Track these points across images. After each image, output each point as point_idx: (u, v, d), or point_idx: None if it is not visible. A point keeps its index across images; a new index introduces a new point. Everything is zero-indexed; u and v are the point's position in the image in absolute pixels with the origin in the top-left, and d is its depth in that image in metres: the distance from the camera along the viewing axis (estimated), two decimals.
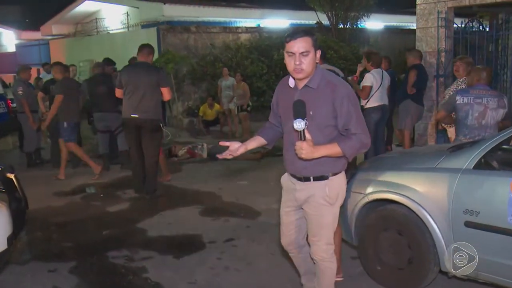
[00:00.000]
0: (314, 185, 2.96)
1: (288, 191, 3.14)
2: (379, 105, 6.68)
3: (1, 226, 3.39)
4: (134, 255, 4.61)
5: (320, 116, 2.82)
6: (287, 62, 2.82)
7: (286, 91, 3.00)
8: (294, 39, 2.75)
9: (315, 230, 3.05)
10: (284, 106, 2.99)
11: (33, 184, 7.35)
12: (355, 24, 16.83)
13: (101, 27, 18.44)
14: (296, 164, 2.95)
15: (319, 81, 2.84)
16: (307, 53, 2.75)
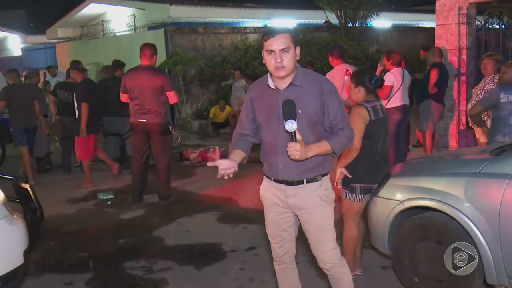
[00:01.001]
0: (308, 188, 2.83)
1: (275, 200, 2.92)
2: (401, 105, 6.45)
3: (17, 240, 3.20)
4: (152, 265, 4.42)
5: (309, 113, 2.73)
6: (267, 61, 2.69)
7: (265, 94, 2.82)
8: (273, 36, 2.63)
9: (318, 236, 2.92)
10: (266, 110, 2.80)
11: (44, 190, 7.17)
12: (364, 23, 16.59)
13: (107, 30, 18.28)
14: (289, 168, 2.79)
15: (302, 78, 2.75)
16: (287, 49, 2.64)
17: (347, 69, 6.19)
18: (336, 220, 5.17)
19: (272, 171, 2.86)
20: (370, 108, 3.60)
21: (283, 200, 2.88)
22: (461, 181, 3.26)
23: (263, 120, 2.82)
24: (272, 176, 2.88)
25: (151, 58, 6.13)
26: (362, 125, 3.56)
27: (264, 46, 2.67)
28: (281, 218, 2.96)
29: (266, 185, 2.96)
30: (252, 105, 2.88)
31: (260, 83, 2.88)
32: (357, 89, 3.70)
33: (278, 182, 2.86)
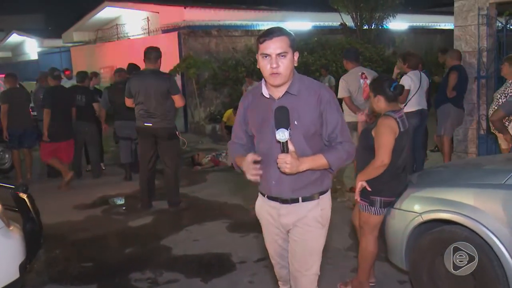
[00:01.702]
0: (303, 207, 2.58)
1: (269, 219, 2.70)
2: (418, 110, 6.21)
3: (12, 254, 3.06)
4: (158, 277, 4.25)
5: (306, 124, 2.48)
6: (261, 66, 2.45)
7: (258, 103, 2.58)
8: (269, 39, 2.38)
9: (305, 258, 2.66)
10: (259, 120, 2.56)
11: (53, 195, 7.15)
12: (380, 25, 16.33)
13: (122, 33, 18.29)
14: (282, 184, 2.54)
15: (299, 86, 2.50)
16: (284, 54, 2.39)
17: (362, 72, 5.98)
18: (351, 231, 5.03)
19: (266, 186, 2.61)
20: (399, 119, 3.37)
21: (276, 219, 2.66)
22: (484, 193, 3.04)
23: (256, 131, 2.60)
24: (266, 192, 2.64)
25: (156, 61, 5.98)
26: (392, 139, 3.31)
27: (259, 49, 2.43)
28: (278, 238, 2.75)
29: (260, 202, 2.74)
30: (245, 115, 2.66)
31: (254, 91, 2.65)
32: (377, 98, 3.49)
33: (272, 199, 2.63)
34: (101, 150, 8.71)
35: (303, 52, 13.98)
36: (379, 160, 3.33)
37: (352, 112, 5.93)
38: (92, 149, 8.31)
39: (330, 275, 4.08)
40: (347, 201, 6.20)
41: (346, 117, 6.10)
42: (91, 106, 8.08)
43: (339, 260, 4.42)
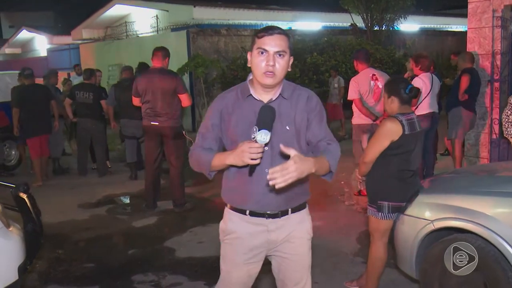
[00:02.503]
0: (292, 219, 2.39)
1: (249, 239, 2.38)
2: (429, 113, 6.08)
3: (11, 255, 2.98)
4: (161, 280, 4.17)
5: (298, 130, 2.32)
6: (255, 63, 2.22)
7: (244, 106, 2.31)
8: (269, 35, 2.19)
9: (299, 273, 2.46)
10: (246, 124, 2.25)
11: (59, 194, 7.10)
12: (391, 26, 16.18)
13: (131, 31, 18.26)
14: (268, 197, 2.30)
15: (289, 90, 2.33)
16: (283, 53, 2.20)
17: (373, 73, 5.87)
18: (359, 236, 4.93)
19: (249, 201, 2.33)
20: (406, 122, 3.28)
21: (262, 238, 2.37)
22: (500, 201, 2.92)
23: (239, 137, 2.25)
24: (248, 208, 2.34)
25: (163, 60, 5.93)
26: (386, 142, 3.28)
27: (255, 44, 2.22)
28: (252, 262, 2.43)
29: (237, 221, 2.39)
30: (221, 120, 2.35)
31: (233, 94, 2.36)
32: (390, 100, 3.40)
33: (256, 215, 2.35)
34: (106, 148, 8.65)
35: (313, 53, 13.87)
36: (361, 157, 3.45)
37: (362, 114, 5.83)
38: (98, 147, 8.25)
39: (337, 281, 3.98)
40: (355, 205, 6.09)
41: (356, 119, 6.02)
42: (98, 104, 8.02)
43: (346, 266, 4.32)
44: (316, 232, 5.11)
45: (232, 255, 2.43)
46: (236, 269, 2.44)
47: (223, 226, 2.47)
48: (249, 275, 2.48)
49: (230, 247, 2.43)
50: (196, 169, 2.40)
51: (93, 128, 8.10)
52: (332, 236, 5.06)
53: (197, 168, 2.38)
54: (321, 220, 5.60)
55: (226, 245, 2.46)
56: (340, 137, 11.33)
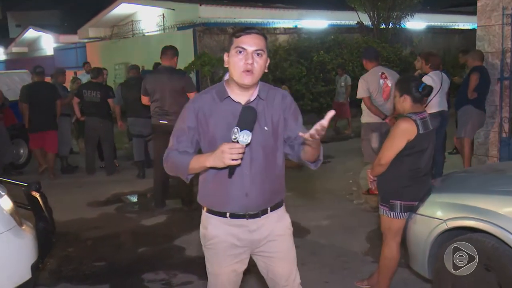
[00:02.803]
0: (272, 217, 2.41)
1: (231, 241, 2.38)
2: (438, 111, 6.03)
3: (24, 254, 2.99)
4: (172, 278, 4.17)
5: (275, 130, 2.33)
6: (233, 62, 2.22)
7: (222, 108, 2.29)
8: (248, 34, 2.20)
9: (287, 268, 2.50)
10: (224, 128, 2.24)
11: (67, 192, 7.13)
12: (398, 24, 16.12)
13: (137, 30, 18.29)
14: (248, 198, 2.31)
15: (265, 91, 2.34)
16: (261, 53, 2.21)
17: (382, 72, 5.84)
18: (368, 235, 4.91)
19: (229, 204, 2.33)
20: (419, 121, 3.26)
21: (244, 239, 2.38)
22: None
23: (219, 139, 2.22)
24: (228, 210, 2.34)
25: (172, 59, 5.93)
26: (403, 142, 3.25)
27: (233, 43, 2.21)
28: (237, 261, 2.43)
29: (217, 224, 2.37)
30: (198, 123, 2.31)
31: (208, 96, 2.33)
32: (403, 98, 3.37)
33: (236, 217, 2.35)
34: (114, 146, 8.66)
35: (319, 51, 13.84)
36: (377, 159, 3.39)
37: (372, 112, 5.80)
38: (106, 146, 8.26)
39: (347, 281, 3.97)
40: (364, 204, 6.08)
41: (365, 117, 5.99)
42: (106, 102, 8.03)
43: (356, 265, 4.31)
44: (326, 231, 5.17)
45: (217, 259, 2.42)
46: (223, 271, 2.44)
47: (203, 231, 2.46)
48: (236, 274, 2.48)
49: (214, 251, 2.42)
50: (171, 173, 2.38)
51: (100, 127, 8.11)
52: (341, 235, 5.05)
53: (173, 172, 2.37)
54: (329, 219, 5.59)
55: (210, 250, 2.44)
56: (346, 135, 11.32)
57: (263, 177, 2.32)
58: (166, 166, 2.37)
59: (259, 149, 2.27)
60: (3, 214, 2.96)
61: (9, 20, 39.98)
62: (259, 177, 2.31)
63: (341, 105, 11.51)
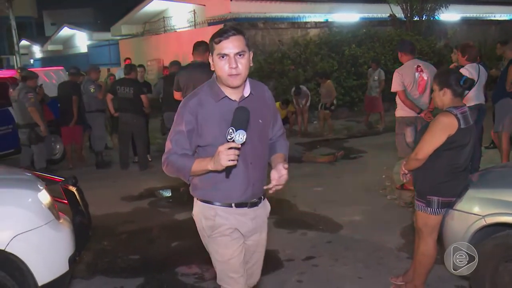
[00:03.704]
0: (263, 205, 2.64)
1: (239, 227, 2.53)
2: (476, 105, 5.87)
3: (62, 247, 3.06)
4: (205, 273, 4.19)
5: (268, 122, 2.56)
6: (218, 68, 2.33)
7: (218, 107, 2.39)
8: (225, 38, 2.29)
9: (262, 254, 2.76)
10: (221, 126, 2.32)
11: (102, 186, 7.24)
12: (431, 16, 15.76)
13: (169, 26, 18.45)
14: (255, 186, 2.50)
15: (252, 86, 2.48)
16: (242, 53, 2.31)
17: (418, 65, 5.72)
18: (403, 231, 4.84)
19: (234, 194, 2.47)
20: (460, 115, 3.18)
21: (246, 227, 2.54)
22: None
23: (220, 141, 2.25)
24: (233, 200, 2.48)
25: (204, 54, 5.93)
26: (443, 138, 3.16)
27: (214, 50, 2.32)
28: (241, 245, 2.58)
29: (224, 214, 2.50)
30: (197, 124, 2.39)
31: (202, 97, 2.41)
32: (442, 92, 3.28)
33: (241, 206, 2.51)
34: (147, 142, 8.78)
35: (351, 45, 13.68)
36: (414, 153, 3.30)
37: (406, 106, 5.70)
38: (139, 141, 8.37)
39: (382, 276, 3.92)
40: (397, 199, 5.98)
41: (399, 111, 5.89)
42: (139, 98, 8.13)
43: (390, 261, 4.25)
44: (359, 227, 5.12)
45: (226, 244, 2.52)
46: (234, 255, 2.54)
47: (210, 223, 2.52)
48: (242, 258, 2.59)
49: (222, 238, 2.52)
50: (171, 174, 2.50)
51: (134, 123, 8.21)
52: (375, 231, 4.98)
53: (174, 174, 2.48)
54: (363, 215, 5.53)
55: (217, 239, 2.53)
56: (378, 130, 11.16)
57: (262, 166, 2.53)
58: (165, 169, 2.49)
59: (257, 140, 2.45)
60: (41, 208, 3.03)
61: (45, 19, 40.97)
62: (259, 166, 2.50)
63: (373, 99, 11.35)
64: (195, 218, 2.66)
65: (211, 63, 2.38)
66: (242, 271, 2.58)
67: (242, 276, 2.58)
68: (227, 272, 2.57)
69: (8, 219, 2.86)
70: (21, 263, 2.85)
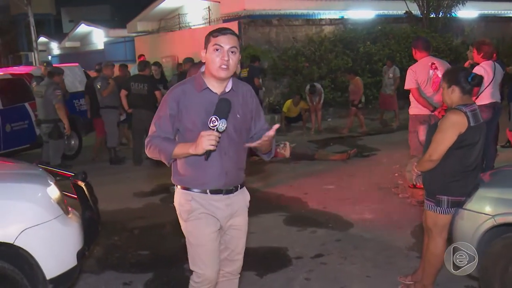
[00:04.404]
0: (240, 193, 2.80)
1: (212, 215, 2.69)
2: (491, 103, 5.78)
3: (70, 241, 3.09)
4: None
5: (247, 118, 2.73)
6: (210, 58, 2.55)
7: (201, 97, 2.60)
8: (223, 34, 2.54)
9: (242, 242, 2.89)
10: (202, 115, 2.56)
11: (114, 182, 7.31)
12: (448, 13, 15.57)
13: (183, 23, 18.50)
14: (229, 174, 2.68)
15: (235, 84, 2.70)
16: (235, 50, 2.56)
17: (432, 62, 5.66)
18: (414, 230, 4.79)
19: (210, 181, 2.65)
20: (470, 113, 3.13)
21: (221, 212, 2.70)
22: None
23: (200, 124, 2.53)
24: (209, 187, 2.67)
25: None
26: (454, 136, 3.12)
27: (210, 42, 2.54)
28: (215, 235, 2.72)
29: (199, 200, 2.67)
30: (179, 111, 2.60)
31: (187, 86, 2.64)
32: (451, 89, 3.24)
33: (215, 193, 2.68)
34: None
35: (366, 42, 13.58)
36: (427, 154, 3.23)
37: (420, 104, 5.64)
38: None
39: (390, 276, 3.89)
40: (409, 198, 5.93)
41: (413, 109, 5.83)
42: (153, 95, 8.17)
43: (400, 260, 4.22)
44: (369, 225, 5.09)
45: (201, 227, 2.67)
46: (208, 239, 2.68)
47: (186, 207, 2.68)
48: (217, 244, 2.73)
49: (198, 221, 2.67)
50: (153, 157, 2.68)
51: (147, 119, 8.21)
52: (385, 229, 4.95)
53: (155, 156, 2.65)
54: (374, 213, 5.50)
55: (193, 221, 2.68)
56: (392, 128, 11.07)
57: (238, 157, 2.70)
58: (148, 151, 2.67)
59: (234, 133, 2.63)
60: (50, 203, 3.06)
61: (63, 16, 41.38)
62: (235, 157, 2.68)
63: (388, 97, 11.27)
64: (175, 205, 2.81)
65: (203, 56, 2.59)
66: (215, 257, 2.72)
67: (215, 262, 2.73)
68: (200, 256, 2.71)
69: (17, 213, 2.89)
70: (29, 257, 2.88)
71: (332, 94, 12.98)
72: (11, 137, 8.52)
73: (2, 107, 8.48)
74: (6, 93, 8.66)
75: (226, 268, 2.89)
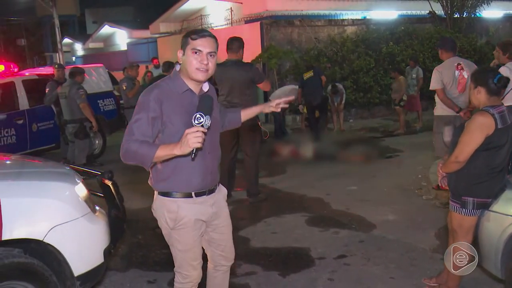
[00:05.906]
0: (219, 191, 2.86)
1: (199, 218, 2.72)
2: None
3: (97, 239, 3.15)
4: (236, 268, 4.22)
5: (218, 121, 2.84)
6: (188, 61, 2.54)
7: (182, 98, 2.60)
8: (203, 37, 2.54)
9: (230, 234, 2.98)
10: (184, 116, 2.54)
11: (139, 181, 7.36)
12: (472, 13, 15.34)
13: (206, 24, 18.60)
14: (208, 175, 2.71)
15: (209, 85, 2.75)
16: (213, 54, 2.57)
17: (459, 63, 5.60)
18: (438, 231, 4.74)
19: (196, 183, 2.66)
20: (497, 115, 3.10)
21: (206, 213, 2.74)
22: None
23: (183, 125, 2.45)
24: (194, 189, 2.67)
25: (238, 52, 5.93)
26: (481, 138, 3.09)
27: (189, 45, 2.53)
28: (201, 234, 2.80)
29: (185, 205, 2.66)
30: (162, 113, 2.53)
31: (166, 88, 2.59)
32: (477, 90, 3.22)
33: (200, 195, 2.70)
34: None
35: (389, 42, 13.48)
36: (453, 155, 3.19)
37: (445, 105, 5.58)
38: None
39: (415, 278, 3.87)
40: (434, 199, 5.87)
41: (438, 110, 5.77)
42: None
43: (424, 262, 4.19)
44: (393, 227, 5.06)
45: (188, 235, 2.71)
46: (194, 245, 2.75)
47: (173, 215, 2.67)
48: (200, 246, 2.83)
49: (185, 230, 2.69)
50: (130, 161, 2.53)
51: None
52: (409, 231, 4.91)
53: (132, 161, 2.52)
54: (397, 214, 5.46)
55: (180, 230, 2.69)
56: (415, 129, 10.96)
57: (217, 156, 2.80)
58: (123, 154, 2.52)
59: (213, 132, 2.66)
60: (78, 201, 3.12)
61: (87, 17, 41.95)
62: (216, 156, 2.76)
63: (411, 97, 11.14)
64: (155, 212, 2.81)
65: (179, 57, 2.59)
66: (200, 258, 2.82)
67: (200, 262, 2.82)
68: (188, 260, 2.77)
69: (46, 211, 2.95)
70: (58, 253, 2.94)
71: (354, 95, 12.91)
72: (37, 137, 8.70)
73: (29, 107, 8.67)
74: (32, 94, 8.83)
75: (222, 261, 2.99)
